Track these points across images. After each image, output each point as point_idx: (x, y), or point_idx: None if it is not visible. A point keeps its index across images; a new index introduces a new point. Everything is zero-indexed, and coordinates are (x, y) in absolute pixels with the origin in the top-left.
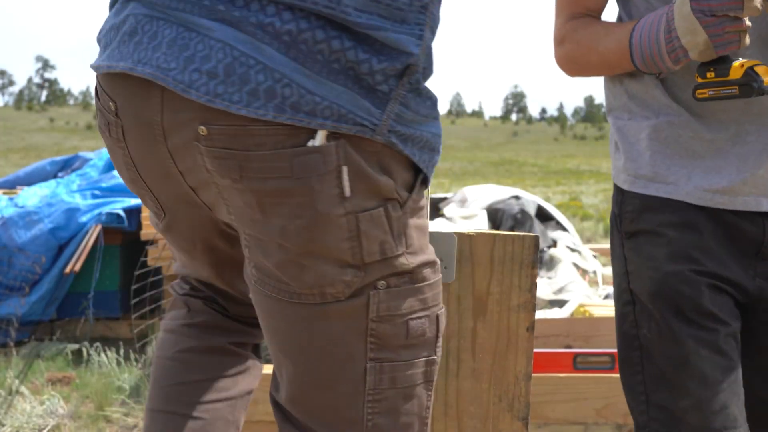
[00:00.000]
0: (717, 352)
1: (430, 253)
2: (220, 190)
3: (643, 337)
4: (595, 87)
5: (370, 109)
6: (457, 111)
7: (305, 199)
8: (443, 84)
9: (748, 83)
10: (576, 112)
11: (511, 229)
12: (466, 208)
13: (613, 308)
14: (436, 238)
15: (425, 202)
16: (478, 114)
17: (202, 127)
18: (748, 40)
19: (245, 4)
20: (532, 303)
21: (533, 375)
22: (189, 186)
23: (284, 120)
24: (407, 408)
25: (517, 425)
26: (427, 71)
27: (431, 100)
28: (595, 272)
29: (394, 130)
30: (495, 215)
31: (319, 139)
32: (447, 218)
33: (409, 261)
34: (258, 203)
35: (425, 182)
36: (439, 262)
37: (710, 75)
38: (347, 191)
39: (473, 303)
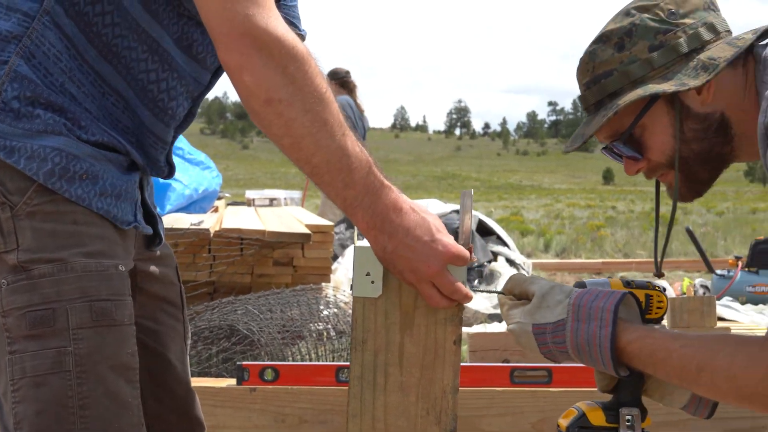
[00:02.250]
0: None
1: (56, 254)
2: None
3: None
4: (537, 103)
5: None
6: (401, 125)
7: None
8: (388, 98)
9: None
10: (519, 127)
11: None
12: None
13: None
14: (362, 252)
15: (64, 209)
16: (422, 128)
17: None
18: None
19: None
20: (459, 316)
21: (470, 389)
22: None
23: None
24: (38, 395)
25: None
26: (31, 96)
27: (41, 118)
28: None
29: None
30: None
31: None
32: None
33: (19, 257)
34: None
35: (51, 191)
36: (74, 261)
37: None
38: None
39: (400, 317)
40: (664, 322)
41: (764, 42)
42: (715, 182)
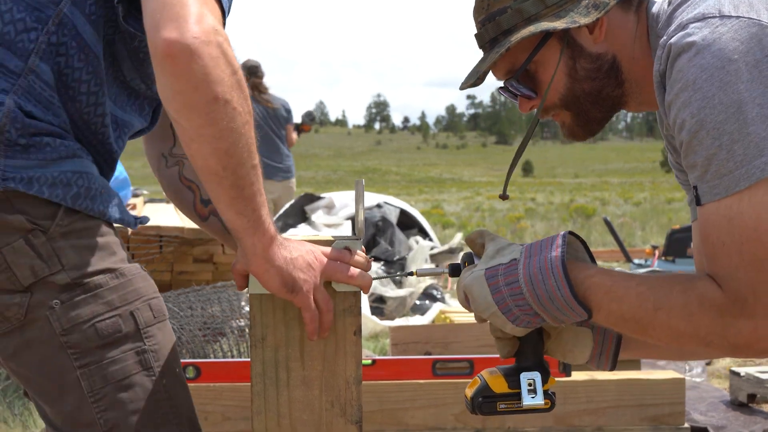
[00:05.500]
0: None
1: (103, 264)
2: None
3: None
4: (456, 96)
5: None
6: (321, 120)
7: None
8: (307, 93)
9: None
10: (438, 121)
11: (373, 237)
12: (332, 216)
13: (473, 315)
14: None
15: (91, 224)
16: (341, 123)
17: None
18: None
19: None
20: (357, 307)
21: (393, 382)
22: None
23: None
24: (129, 397)
25: (351, 429)
26: (34, 130)
27: (51, 146)
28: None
29: (10, 177)
30: None
31: None
32: (312, 224)
33: (70, 276)
34: None
35: (75, 210)
36: (120, 267)
37: None
38: None
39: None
40: None
41: None
42: (608, 122)
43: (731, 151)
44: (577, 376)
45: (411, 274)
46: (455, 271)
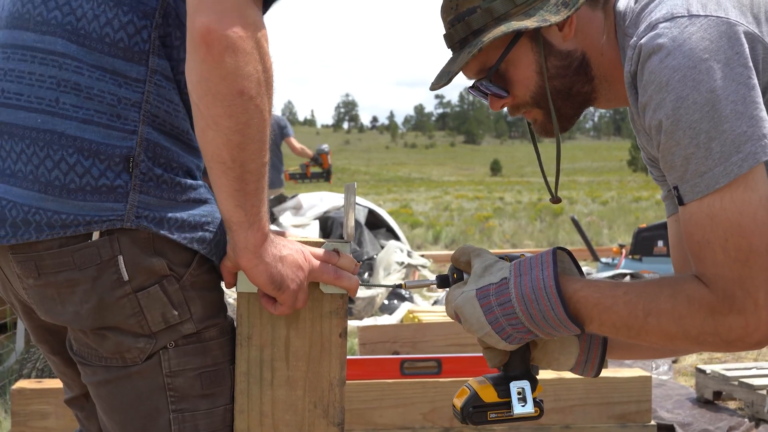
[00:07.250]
0: None
1: (219, 318)
2: (29, 294)
3: None
4: (424, 96)
5: (112, 207)
6: (290, 119)
7: (89, 286)
8: (275, 92)
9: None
10: (407, 120)
11: (341, 236)
12: (300, 217)
13: (442, 314)
14: None
15: (214, 277)
16: (310, 122)
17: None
18: None
19: None
20: (344, 309)
21: (361, 382)
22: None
23: (46, 237)
24: None
25: (333, 431)
26: (165, 162)
27: (181, 186)
28: (424, 266)
29: (143, 215)
30: (325, 223)
31: (95, 235)
32: (279, 226)
33: (196, 327)
34: (57, 293)
35: (208, 259)
36: (227, 321)
37: None
38: (125, 276)
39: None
40: None
41: None
42: (579, 118)
43: (708, 149)
44: (544, 374)
45: (399, 286)
46: (443, 282)
